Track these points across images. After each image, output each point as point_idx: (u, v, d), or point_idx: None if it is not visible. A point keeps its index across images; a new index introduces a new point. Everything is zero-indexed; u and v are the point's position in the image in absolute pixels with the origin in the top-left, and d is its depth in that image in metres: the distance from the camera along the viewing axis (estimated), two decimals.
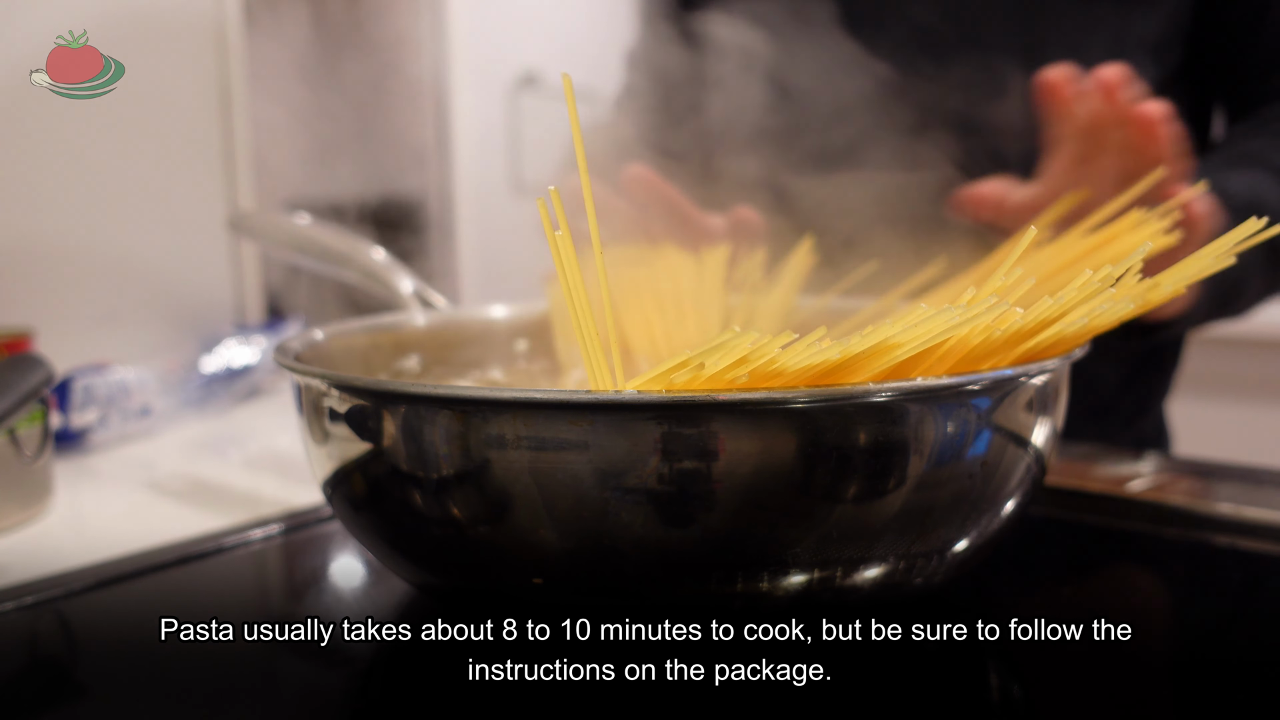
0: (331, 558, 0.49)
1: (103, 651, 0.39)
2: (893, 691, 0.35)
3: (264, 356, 0.87)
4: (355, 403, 0.35)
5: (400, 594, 0.44)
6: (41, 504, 0.56)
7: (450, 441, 0.32)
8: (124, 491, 0.61)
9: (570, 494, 0.31)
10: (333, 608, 0.43)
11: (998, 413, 0.34)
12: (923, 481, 0.33)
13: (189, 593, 0.45)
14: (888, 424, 0.31)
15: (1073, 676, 0.35)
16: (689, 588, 0.33)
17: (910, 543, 0.34)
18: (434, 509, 0.33)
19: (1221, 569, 0.48)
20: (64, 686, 0.36)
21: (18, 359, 0.50)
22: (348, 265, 0.61)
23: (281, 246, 0.64)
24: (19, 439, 0.53)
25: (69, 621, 0.42)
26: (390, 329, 0.55)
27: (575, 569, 0.33)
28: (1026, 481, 0.37)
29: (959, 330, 0.31)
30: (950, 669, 0.37)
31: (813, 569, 0.33)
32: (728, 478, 0.30)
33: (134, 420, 0.73)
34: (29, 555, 0.50)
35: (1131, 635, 0.39)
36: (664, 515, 0.31)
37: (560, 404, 0.30)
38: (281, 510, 0.55)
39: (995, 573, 0.46)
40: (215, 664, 0.38)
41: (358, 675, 0.36)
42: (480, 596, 0.37)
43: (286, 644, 0.39)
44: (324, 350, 0.48)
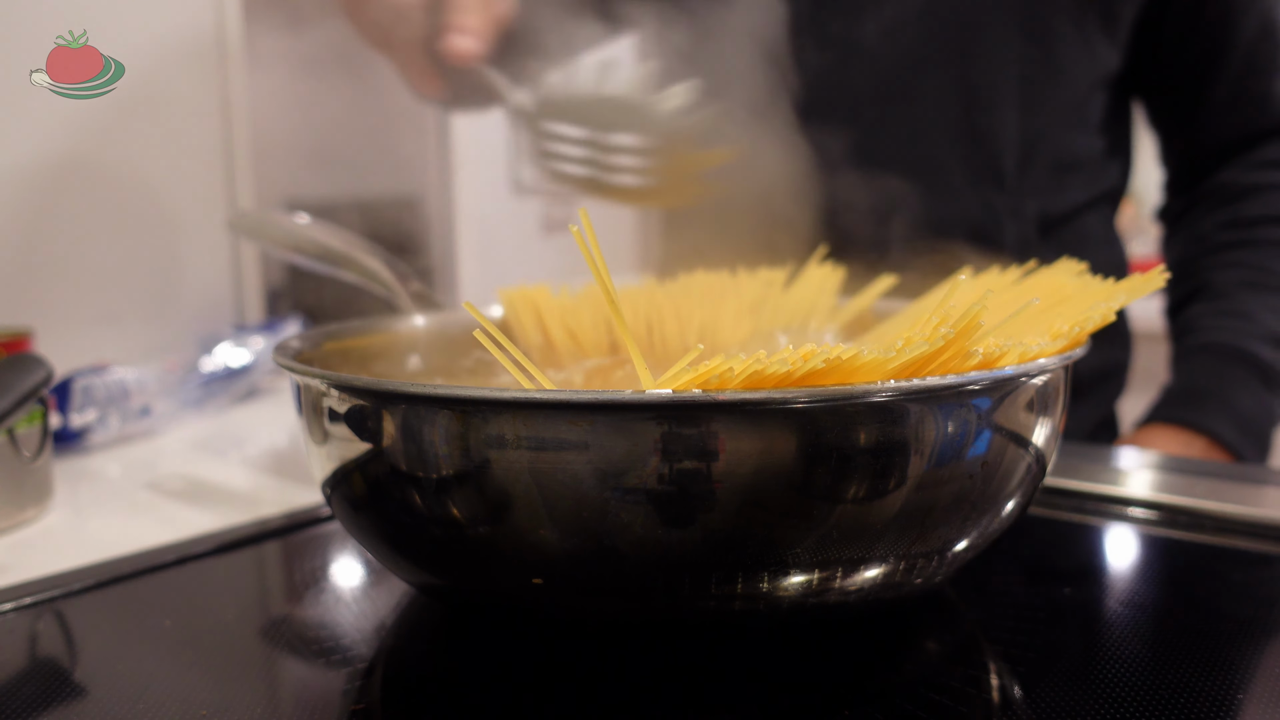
0: (331, 558, 0.49)
1: (103, 651, 0.39)
2: (893, 691, 0.35)
3: (263, 356, 0.87)
4: (355, 403, 0.35)
5: (400, 594, 0.44)
6: (41, 504, 0.56)
7: (450, 441, 0.32)
8: (124, 491, 0.61)
9: (570, 494, 0.31)
10: (333, 608, 0.43)
11: (998, 413, 0.34)
12: (923, 481, 0.33)
13: (189, 593, 0.45)
14: (888, 424, 0.31)
15: (1072, 676, 0.36)
16: (689, 588, 0.33)
17: (910, 543, 0.34)
18: (434, 509, 0.33)
19: (1221, 569, 0.48)
20: (64, 686, 0.36)
21: (17, 359, 0.50)
22: (348, 265, 0.61)
23: (281, 246, 0.64)
24: (18, 439, 0.53)
25: (69, 621, 0.42)
26: (390, 329, 0.55)
27: (575, 569, 0.33)
28: (1026, 481, 0.37)
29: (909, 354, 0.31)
30: (950, 669, 0.37)
31: (813, 569, 0.33)
32: (728, 478, 0.30)
33: (133, 420, 0.73)
34: (29, 555, 0.50)
35: (1131, 635, 0.40)
36: (664, 515, 0.31)
37: (560, 404, 0.30)
38: (281, 510, 0.55)
39: (995, 573, 0.46)
40: (215, 664, 0.38)
41: (358, 675, 0.36)
42: (480, 596, 0.37)
43: (286, 644, 0.39)
44: (323, 350, 0.48)
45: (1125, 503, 0.55)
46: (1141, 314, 0.94)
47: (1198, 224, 0.84)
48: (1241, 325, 0.77)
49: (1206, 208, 0.84)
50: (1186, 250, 0.84)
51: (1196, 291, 0.81)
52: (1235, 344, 0.77)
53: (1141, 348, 0.92)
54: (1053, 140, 0.81)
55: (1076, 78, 0.80)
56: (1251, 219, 0.81)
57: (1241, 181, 0.82)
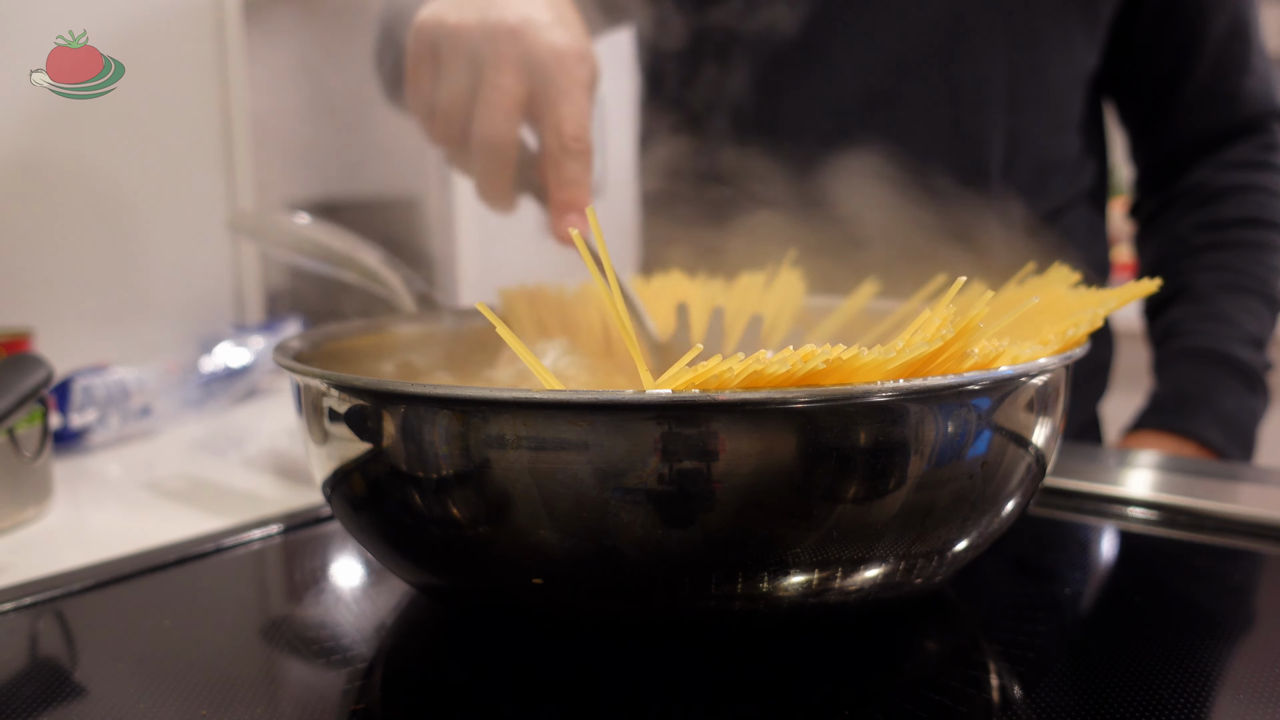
0: (331, 558, 0.49)
1: (103, 651, 0.39)
2: (893, 691, 0.35)
3: (263, 356, 0.87)
4: (355, 403, 0.35)
5: (400, 594, 0.44)
6: (41, 504, 0.56)
7: (450, 441, 0.32)
8: (124, 491, 0.61)
9: (570, 494, 0.31)
10: (333, 608, 0.43)
11: (998, 413, 0.34)
12: (923, 482, 0.33)
13: (189, 593, 0.45)
14: (888, 424, 0.31)
15: (1072, 676, 0.36)
16: (689, 588, 0.33)
17: (910, 543, 0.34)
18: (434, 509, 0.33)
19: (1222, 569, 0.48)
20: (64, 686, 0.36)
21: (17, 359, 0.50)
22: (348, 265, 0.61)
23: (281, 246, 0.64)
24: (18, 439, 0.53)
25: (69, 621, 0.42)
26: (390, 329, 0.55)
27: (575, 569, 0.33)
28: (1026, 481, 0.37)
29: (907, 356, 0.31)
30: (950, 669, 0.37)
31: (813, 569, 0.33)
32: (728, 478, 0.30)
33: (133, 420, 0.73)
34: (29, 555, 0.50)
35: (1131, 635, 0.40)
36: (664, 515, 0.31)
37: (560, 404, 0.30)
38: (281, 510, 0.55)
39: (995, 573, 0.46)
40: (215, 664, 0.38)
41: (358, 675, 0.36)
42: (480, 596, 0.37)
43: (286, 644, 0.39)
44: (324, 350, 0.48)
45: (1125, 503, 0.55)
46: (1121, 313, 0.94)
47: (1174, 225, 0.85)
48: (1222, 329, 0.79)
49: (1182, 208, 0.85)
50: (1164, 251, 0.85)
51: (1176, 294, 0.83)
52: (1217, 348, 0.78)
53: (1122, 346, 0.93)
54: (1036, 141, 0.81)
55: (1059, 78, 0.81)
56: (1228, 221, 0.82)
57: (1216, 182, 0.83)
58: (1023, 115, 0.80)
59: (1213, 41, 0.81)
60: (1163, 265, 0.85)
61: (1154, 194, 0.88)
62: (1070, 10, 0.79)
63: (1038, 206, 0.82)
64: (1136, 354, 0.97)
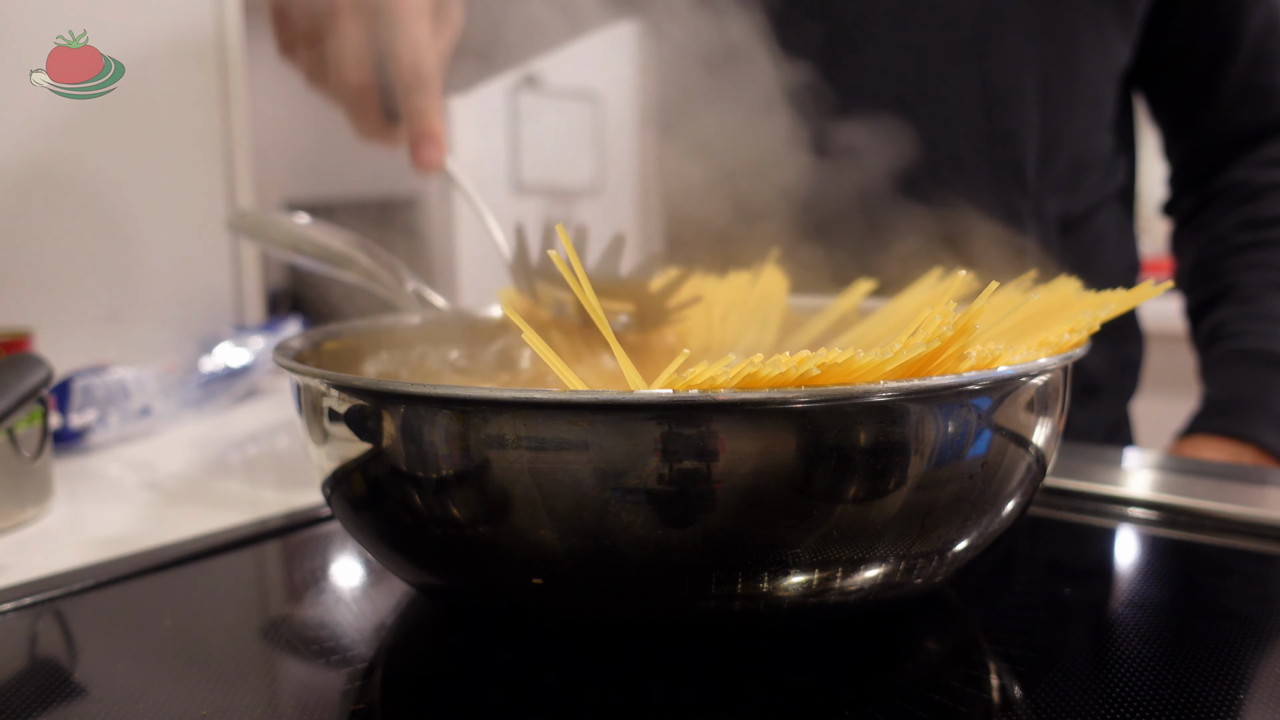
0: (331, 558, 0.49)
1: (103, 651, 0.39)
2: (893, 691, 0.34)
3: (263, 356, 0.87)
4: (355, 403, 0.35)
5: (400, 594, 0.44)
6: (41, 504, 0.56)
7: (450, 441, 0.32)
8: (124, 491, 0.61)
9: (570, 494, 0.31)
10: (333, 608, 0.43)
11: (998, 413, 0.34)
12: (923, 482, 0.33)
13: (189, 593, 0.45)
14: (888, 424, 0.31)
15: (1072, 676, 0.36)
16: (689, 588, 0.33)
17: (910, 543, 0.34)
18: (434, 509, 0.33)
19: (1222, 569, 0.48)
20: (64, 686, 0.36)
21: (17, 359, 0.50)
22: (348, 265, 0.61)
23: (281, 246, 0.64)
24: (18, 439, 0.53)
25: (69, 621, 0.42)
26: (390, 329, 0.55)
27: (575, 569, 0.33)
28: (1026, 481, 0.37)
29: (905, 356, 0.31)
30: (950, 669, 0.37)
31: (813, 569, 0.33)
32: (728, 478, 0.30)
33: (133, 420, 0.73)
34: (29, 555, 0.50)
35: (1131, 635, 0.40)
36: (664, 515, 0.31)
37: (560, 404, 0.30)
38: (281, 510, 0.55)
39: (995, 573, 0.46)
40: (215, 664, 0.38)
41: (358, 675, 0.36)
42: (480, 596, 0.37)
43: (286, 644, 0.39)
44: (324, 350, 0.48)
45: (1125, 503, 0.55)
46: (1155, 314, 0.93)
47: (1215, 224, 0.83)
48: (1273, 329, 0.77)
49: (1222, 207, 0.83)
50: (1205, 250, 0.84)
51: (1222, 294, 0.81)
52: (1271, 349, 0.76)
53: (1156, 348, 0.91)
54: (1071, 139, 0.80)
55: (1093, 74, 0.80)
56: (1271, 219, 0.80)
57: (1256, 180, 0.81)
58: (1057, 112, 0.79)
59: (1250, 37, 0.79)
60: (1205, 265, 0.83)
61: (1190, 191, 0.86)
62: (1104, 5, 0.78)
63: (1073, 205, 0.81)
64: (1169, 355, 0.96)
